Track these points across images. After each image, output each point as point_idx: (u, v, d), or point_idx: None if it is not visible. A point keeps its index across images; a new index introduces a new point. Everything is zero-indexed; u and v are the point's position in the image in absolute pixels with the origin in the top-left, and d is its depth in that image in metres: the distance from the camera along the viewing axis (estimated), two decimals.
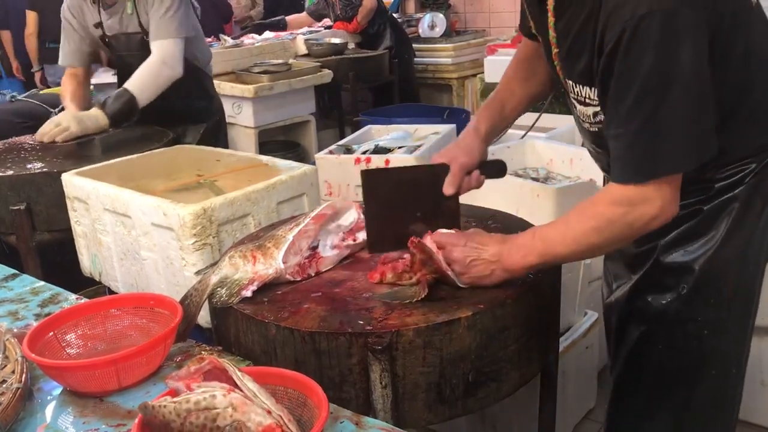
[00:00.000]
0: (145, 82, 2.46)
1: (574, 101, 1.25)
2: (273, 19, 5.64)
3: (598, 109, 1.19)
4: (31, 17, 5.22)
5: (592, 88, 1.17)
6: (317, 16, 5.48)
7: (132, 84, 2.45)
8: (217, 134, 2.84)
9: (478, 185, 1.41)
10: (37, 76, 5.29)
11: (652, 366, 1.34)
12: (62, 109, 2.77)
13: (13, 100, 3.18)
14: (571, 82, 1.22)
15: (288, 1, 6.11)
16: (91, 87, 3.64)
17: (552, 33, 1.21)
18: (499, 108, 1.47)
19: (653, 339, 1.32)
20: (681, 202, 1.20)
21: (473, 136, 1.42)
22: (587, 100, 1.20)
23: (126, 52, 2.64)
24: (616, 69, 1.06)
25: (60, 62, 2.75)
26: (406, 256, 1.30)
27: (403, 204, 1.35)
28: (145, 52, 2.57)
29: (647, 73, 1.04)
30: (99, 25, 2.62)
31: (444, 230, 1.29)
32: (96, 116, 2.43)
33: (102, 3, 2.58)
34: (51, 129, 2.39)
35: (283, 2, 6.23)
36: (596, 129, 1.24)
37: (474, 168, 1.39)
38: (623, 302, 1.36)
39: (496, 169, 1.47)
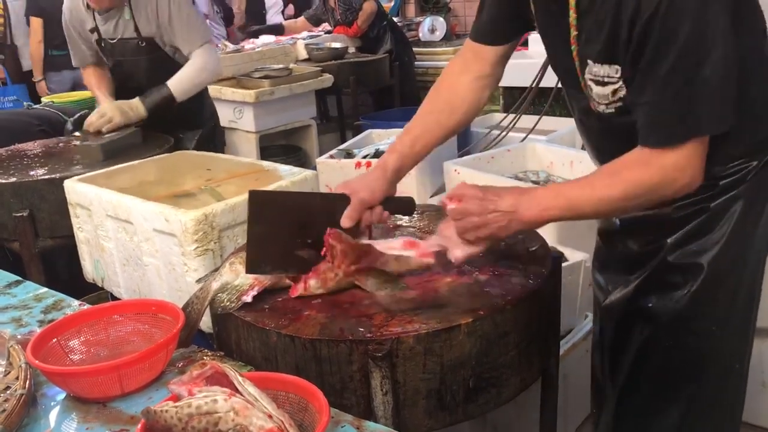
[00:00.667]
0: (184, 83, 2.60)
1: (591, 84, 1.24)
2: (270, 24, 5.65)
3: (618, 86, 1.21)
4: (37, 24, 5.06)
5: (612, 66, 1.19)
6: (315, 21, 5.48)
7: (173, 82, 2.58)
8: (212, 139, 2.87)
9: (381, 220, 1.42)
10: (41, 87, 5.21)
11: (658, 364, 1.35)
12: (78, 118, 2.83)
13: (30, 107, 3.27)
14: (590, 62, 1.22)
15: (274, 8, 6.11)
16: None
17: (573, 14, 1.22)
18: (410, 144, 1.46)
19: (660, 338, 1.34)
20: (687, 200, 1.25)
21: (379, 173, 1.42)
22: (606, 79, 1.21)
23: (121, 57, 2.68)
24: (653, 38, 1.10)
25: (74, 64, 2.86)
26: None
27: (291, 229, 1.30)
28: (140, 57, 2.61)
29: (686, 40, 1.08)
30: (94, 30, 2.65)
31: (459, 193, 1.27)
32: (137, 106, 2.58)
33: (97, 9, 2.60)
34: (97, 119, 2.54)
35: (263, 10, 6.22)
36: (613, 109, 1.24)
37: (376, 204, 1.39)
38: (626, 303, 1.38)
39: (402, 206, 1.45)
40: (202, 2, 5.91)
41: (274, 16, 6.22)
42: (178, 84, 2.59)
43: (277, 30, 5.35)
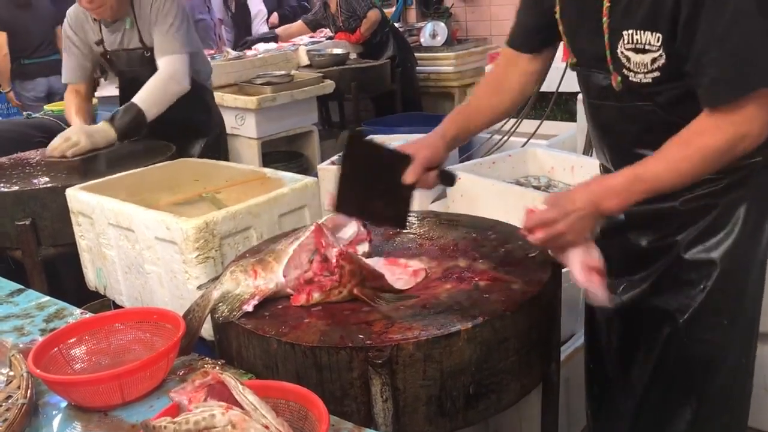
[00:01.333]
0: (153, 97, 2.49)
1: (629, 53, 1.25)
2: (264, 33, 5.65)
3: (657, 54, 1.22)
4: (2, 39, 5.02)
5: (655, 33, 1.20)
6: (314, 26, 5.46)
7: (140, 98, 2.48)
8: (217, 148, 2.86)
9: (432, 186, 1.46)
10: (9, 97, 5.15)
11: (675, 362, 1.38)
12: None
13: (29, 117, 3.26)
14: (630, 32, 1.23)
15: (292, 13, 6.12)
16: (95, 100, 3.69)
17: None
18: (466, 121, 1.53)
19: (678, 335, 1.36)
20: (693, 194, 1.28)
21: (439, 139, 1.47)
22: (647, 47, 1.22)
23: (127, 68, 2.68)
24: (707, 1, 1.12)
25: (63, 80, 2.78)
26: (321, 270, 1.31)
27: (371, 177, 1.39)
28: (146, 67, 2.60)
29: (737, 2, 1.11)
30: (100, 42, 2.66)
31: (532, 208, 1.31)
32: (105, 130, 2.45)
33: (103, 21, 2.61)
34: (61, 144, 2.40)
35: (287, 16, 6.23)
36: (650, 79, 1.25)
37: (434, 167, 1.44)
38: (638, 303, 1.40)
39: (448, 178, 1.51)
40: (217, 7, 5.96)
41: (259, 26, 6.21)
42: (147, 99, 2.46)
43: (272, 39, 5.34)
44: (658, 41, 1.20)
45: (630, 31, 1.23)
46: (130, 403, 1.11)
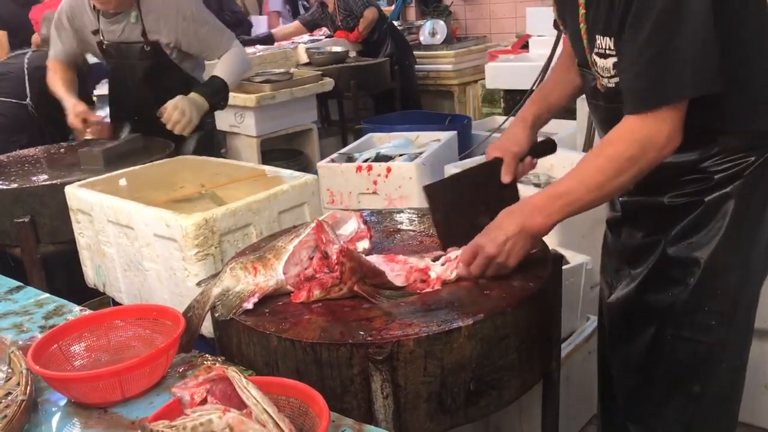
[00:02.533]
0: (233, 75, 2.63)
1: (596, 58, 1.29)
2: (259, 35, 5.62)
3: (616, 59, 1.24)
4: (2, 37, 5.12)
5: (611, 38, 1.23)
6: (311, 26, 5.45)
7: (222, 72, 2.59)
8: (210, 142, 2.86)
9: (532, 168, 1.55)
10: None
11: (666, 360, 1.37)
12: None
13: None
14: (598, 38, 1.27)
15: (233, 19, 6.03)
16: (94, 98, 3.68)
17: None
18: (545, 97, 1.58)
19: (665, 333, 1.36)
20: (681, 191, 1.28)
21: (520, 125, 1.54)
22: (607, 51, 1.25)
23: (125, 60, 2.67)
24: (634, 7, 1.16)
25: (50, 55, 2.80)
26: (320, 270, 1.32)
27: (466, 203, 1.47)
28: (142, 61, 2.61)
29: (660, 11, 1.13)
30: (97, 32, 2.65)
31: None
32: (203, 106, 2.53)
33: (103, 11, 2.60)
34: (180, 118, 2.46)
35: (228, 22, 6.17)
36: (613, 84, 1.28)
37: (525, 154, 1.51)
38: (630, 299, 1.40)
39: (547, 148, 1.58)
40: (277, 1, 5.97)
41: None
42: (228, 74, 2.59)
43: (267, 40, 5.31)
44: (614, 45, 1.23)
45: (598, 37, 1.26)
46: (130, 400, 1.11)
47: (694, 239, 1.30)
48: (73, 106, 2.60)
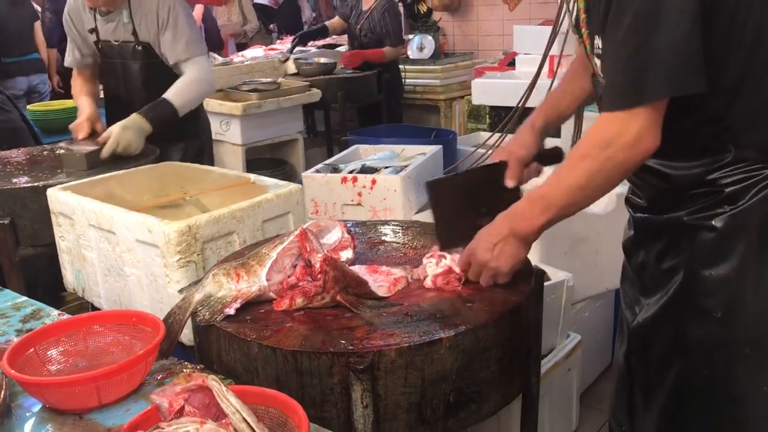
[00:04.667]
0: (185, 96, 2.54)
1: (595, 59, 1.26)
2: (315, 27, 5.58)
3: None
4: None
5: (600, 38, 1.21)
6: (346, 19, 5.18)
7: (172, 95, 2.50)
8: (202, 152, 2.85)
9: (537, 174, 1.53)
10: None
11: (697, 394, 1.28)
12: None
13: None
14: (596, 39, 1.24)
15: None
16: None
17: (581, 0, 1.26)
18: (555, 104, 1.55)
19: (695, 366, 1.26)
20: (691, 207, 1.21)
21: (528, 131, 1.52)
22: (602, 52, 1.22)
23: (118, 59, 2.67)
24: (614, 4, 1.13)
25: (65, 63, 2.83)
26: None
27: (467, 204, 1.45)
28: (136, 61, 2.61)
29: (637, 9, 1.10)
30: (93, 30, 2.65)
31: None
32: (141, 126, 2.45)
33: (98, 10, 2.60)
34: (114, 148, 2.38)
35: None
36: None
37: (531, 160, 1.50)
38: (652, 330, 1.31)
39: (554, 156, 1.56)
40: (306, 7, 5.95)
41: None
42: (179, 96, 2.51)
43: (323, 31, 5.18)
44: (601, 45, 1.21)
45: (596, 38, 1.24)
46: (107, 406, 1.09)
47: (713, 270, 1.20)
48: (87, 111, 2.59)
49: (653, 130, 1.15)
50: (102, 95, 2.89)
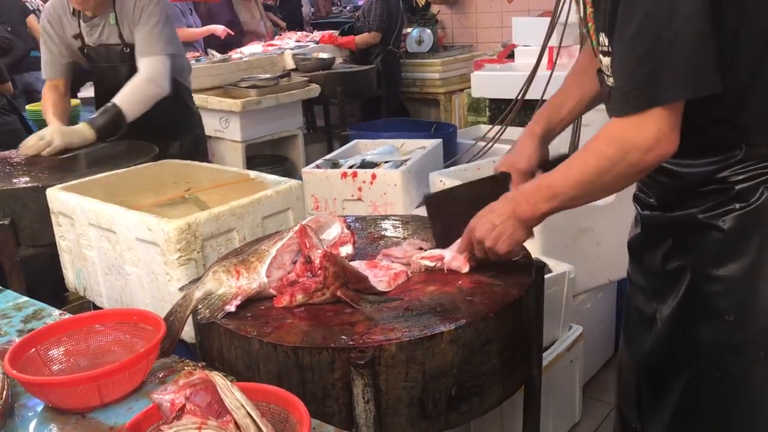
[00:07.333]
0: (133, 98, 2.48)
1: (600, 57, 1.24)
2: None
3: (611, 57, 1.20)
4: None
5: (606, 35, 1.19)
6: None
7: (120, 99, 2.46)
8: (197, 148, 2.84)
9: None
10: None
11: (710, 398, 1.26)
12: None
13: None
14: (601, 36, 1.21)
15: (225, 19, 6.01)
16: (77, 101, 3.65)
17: None
18: (557, 110, 1.50)
19: (707, 370, 1.24)
20: (702, 204, 1.19)
21: (528, 140, 1.47)
22: (608, 50, 1.20)
23: (106, 63, 2.65)
24: (621, 3, 1.10)
25: (42, 75, 2.77)
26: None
27: (468, 218, 1.39)
28: (124, 63, 2.59)
29: (649, 7, 1.07)
30: (78, 36, 2.63)
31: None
32: (82, 131, 2.45)
33: (82, 15, 2.59)
34: (36, 142, 2.43)
35: (220, 19, 6.16)
36: (612, 82, 1.22)
37: (535, 170, 1.45)
38: (665, 333, 1.29)
39: (558, 164, 1.51)
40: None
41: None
42: (127, 99, 2.44)
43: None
44: (609, 42, 1.18)
45: (601, 34, 1.21)
46: (109, 405, 1.10)
47: (724, 271, 1.18)
48: (37, 137, 2.48)
49: (671, 134, 1.11)
50: (95, 97, 2.87)
